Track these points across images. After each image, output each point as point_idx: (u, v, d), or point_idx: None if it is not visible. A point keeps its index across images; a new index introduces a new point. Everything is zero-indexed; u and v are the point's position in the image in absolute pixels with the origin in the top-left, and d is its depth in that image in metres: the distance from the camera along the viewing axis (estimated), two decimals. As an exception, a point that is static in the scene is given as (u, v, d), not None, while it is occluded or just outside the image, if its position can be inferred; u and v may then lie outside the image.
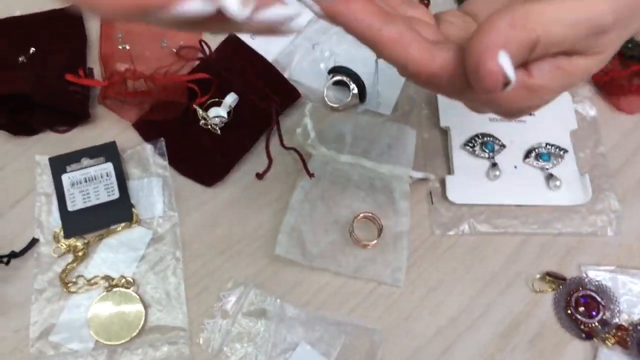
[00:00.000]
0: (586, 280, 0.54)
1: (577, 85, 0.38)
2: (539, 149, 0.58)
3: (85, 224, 0.54)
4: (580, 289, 0.53)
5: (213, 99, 0.59)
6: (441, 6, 0.66)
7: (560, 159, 0.58)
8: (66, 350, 0.50)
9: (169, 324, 0.51)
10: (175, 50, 0.63)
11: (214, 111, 0.58)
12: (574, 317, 0.52)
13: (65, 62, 0.59)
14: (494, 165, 0.58)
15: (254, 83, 0.60)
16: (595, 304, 0.52)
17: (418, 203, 0.57)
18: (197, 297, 0.53)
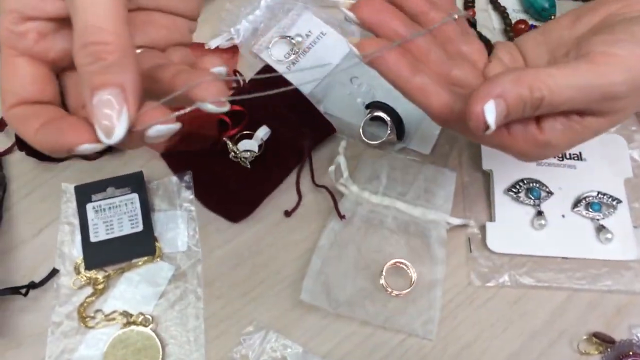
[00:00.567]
0: (637, 343, 0.50)
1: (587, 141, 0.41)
2: (590, 198, 0.54)
3: (107, 256, 0.53)
4: (630, 353, 0.49)
5: (244, 132, 0.57)
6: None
7: (612, 210, 0.54)
8: (79, 388, 0.48)
9: (186, 366, 0.50)
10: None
11: (245, 144, 0.56)
12: (623, 385, 0.48)
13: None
14: (540, 213, 0.54)
15: (287, 116, 0.58)
16: (648, 371, 0.48)
17: (455, 250, 0.54)
18: (217, 339, 0.51)
